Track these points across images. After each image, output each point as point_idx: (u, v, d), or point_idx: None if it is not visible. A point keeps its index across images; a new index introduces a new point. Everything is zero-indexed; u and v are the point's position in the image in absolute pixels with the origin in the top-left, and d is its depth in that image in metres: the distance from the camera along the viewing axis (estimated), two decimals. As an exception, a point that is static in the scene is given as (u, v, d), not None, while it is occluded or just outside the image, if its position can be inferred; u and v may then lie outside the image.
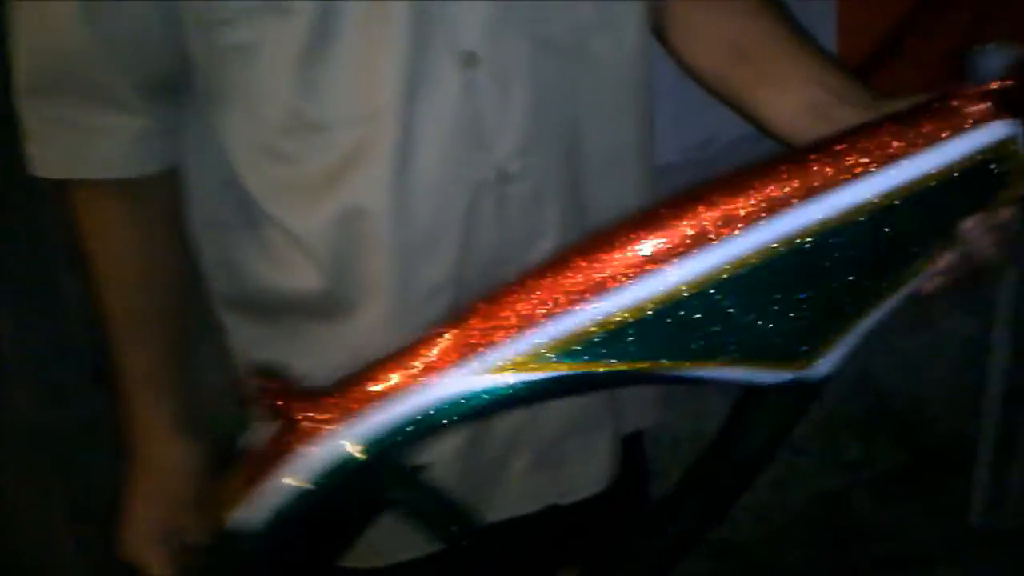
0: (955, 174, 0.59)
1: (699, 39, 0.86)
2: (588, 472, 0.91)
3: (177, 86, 0.79)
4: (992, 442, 1.84)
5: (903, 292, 0.63)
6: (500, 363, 0.59)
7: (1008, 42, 0.60)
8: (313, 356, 0.82)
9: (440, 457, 0.85)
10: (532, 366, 0.59)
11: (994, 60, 0.60)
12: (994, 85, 0.60)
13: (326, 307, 0.82)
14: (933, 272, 0.64)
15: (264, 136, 0.79)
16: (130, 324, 0.87)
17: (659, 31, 0.88)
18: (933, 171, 0.59)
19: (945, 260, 0.64)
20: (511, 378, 0.59)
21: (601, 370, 0.59)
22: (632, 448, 0.96)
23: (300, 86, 0.75)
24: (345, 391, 0.61)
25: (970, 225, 0.63)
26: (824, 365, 0.62)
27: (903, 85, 1.45)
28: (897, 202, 0.59)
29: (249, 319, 0.89)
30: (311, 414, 0.59)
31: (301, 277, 0.82)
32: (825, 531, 1.90)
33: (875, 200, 0.58)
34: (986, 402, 1.82)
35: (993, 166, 0.60)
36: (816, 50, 0.82)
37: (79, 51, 0.75)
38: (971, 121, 0.60)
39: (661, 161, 0.94)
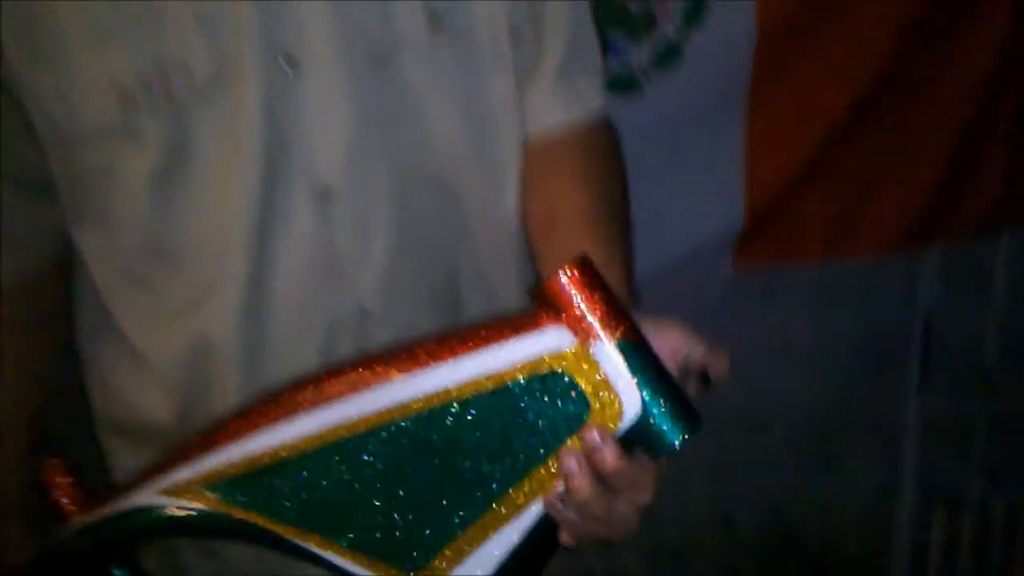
0: (524, 381, 0.54)
1: (526, 195, 0.83)
2: None
3: (45, 189, 0.77)
4: (901, 585, 1.83)
5: (519, 519, 0.56)
6: (167, 486, 0.62)
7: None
8: None
9: None
10: (184, 494, 0.62)
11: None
12: (554, 288, 0.54)
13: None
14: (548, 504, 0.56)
15: (122, 261, 0.76)
16: None
17: None
18: (489, 372, 0.55)
19: (553, 494, 0.56)
20: (164, 501, 0.62)
21: (229, 513, 0.60)
22: None
23: (155, 212, 0.73)
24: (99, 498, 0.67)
25: (565, 459, 0.55)
26: None
27: (819, 213, 1.52)
28: (466, 401, 0.55)
29: (123, 442, 0.85)
30: (68, 504, 0.67)
31: (157, 406, 0.79)
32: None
33: (430, 395, 0.55)
34: (895, 545, 1.81)
35: (569, 379, 0.54)
36: (612, 237, 0.78)
37: None
38: (528, 325, 0.55)
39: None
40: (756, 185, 1.47)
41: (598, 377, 0.53)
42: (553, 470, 0.55)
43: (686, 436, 0.54)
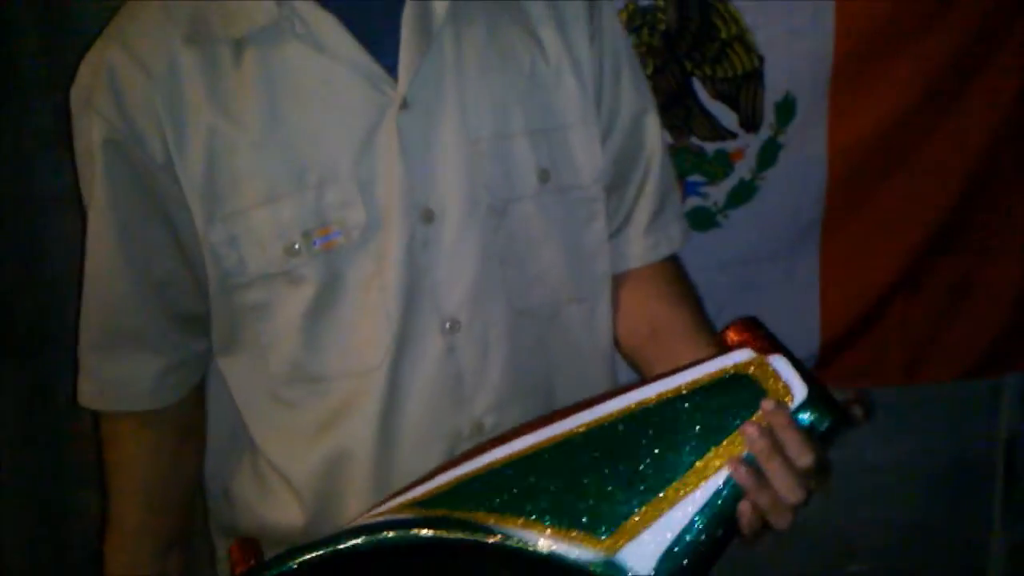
0: (714, 380, 0.72)
1: (627, 316, 0.96)
2: None
3: (201, 322, 0.88)
4: None
5: (693, 491, 0.69)
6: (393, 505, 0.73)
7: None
8: None
9: None
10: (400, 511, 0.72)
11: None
12: (732, 334, 0.76)
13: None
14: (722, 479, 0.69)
15: (267, 383, 0.86)
16: (125, 522, 0.94)
17: None
18: (689, 379, 0.73)
19: (736, 456, 0.70)
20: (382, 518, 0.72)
21: (438, 514, 0.70)
22: None
23: (303, 342, 0.83)
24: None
25: (747, 426, 0.70)
26: (636, 558, 0.67)
27: (896, 339, 1.56)
28: (672, 398, 0.72)
29: None
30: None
31: (287, 513, 0.88)
32: None
33: (641, 400, 0.73)
34: None
35: (748, 376, 0.72)
36: (712, 340, 0.92)
37: (119, 300, 0.86)
38: (719, 352, 0.75)
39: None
40: (832, 312, 1.53)
41: (772, 378, 0.71)
42: (735, 443, 0.69)
43: (837, 425, 0.71)
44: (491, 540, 0.69)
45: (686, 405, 0.71)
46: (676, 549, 0.67)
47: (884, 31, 1.40)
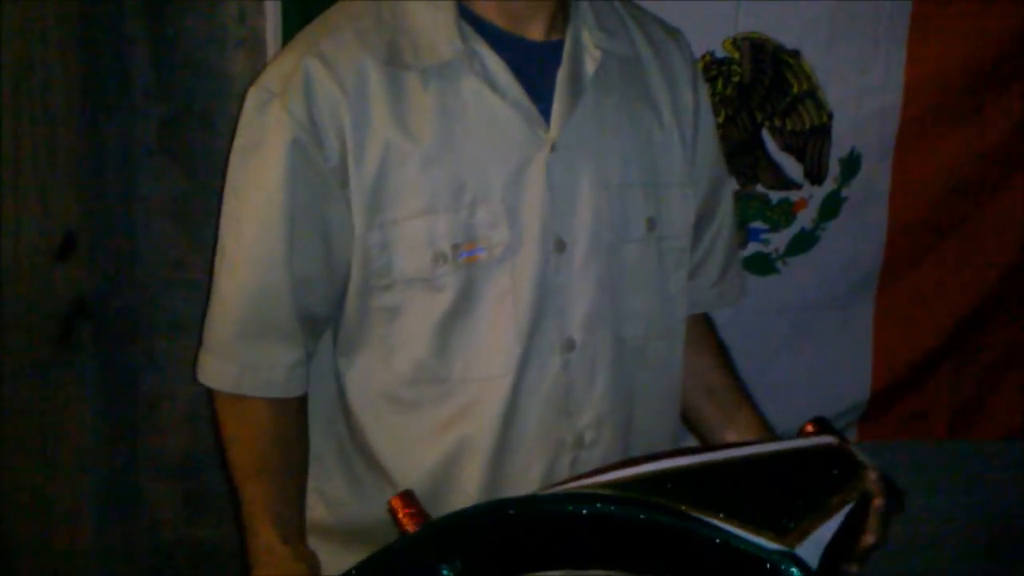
0: (814, 449, 0.96)
1: (687, 362, 1.06)
2: None
3: (327, 323, 0.95)
4: None
5: (831, 518, 0.87)
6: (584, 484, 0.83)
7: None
8: None
9: None
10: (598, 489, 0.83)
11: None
12: (810, 427, 1.00)
13: None
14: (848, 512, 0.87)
15: (389, 383, 0.93)
16: (269, 466, 0.96)
17: None
18: (801, 445, 0.96)
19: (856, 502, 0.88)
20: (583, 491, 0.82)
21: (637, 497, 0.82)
22: None
23: (432, 345, 0.91)
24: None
25: (869, 474, 0.91)
26: (807, 552, 0.83)
27: (945, 395, 1.58)
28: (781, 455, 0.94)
29: (334, 544, 0.98)
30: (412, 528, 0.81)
31: (384, 512, 0.89)
32: None
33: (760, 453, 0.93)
34: None
35: (842, 452, 0.95)
36: (754, 401, 1.10)
37: (274, 289, 0.91)
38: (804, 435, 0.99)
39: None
40: (884, 362, 1.57)
41: (858, 456, 0.95)
42: (853, 488, 0.92)
43: (895, 496, 0.95)
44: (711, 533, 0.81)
45: (809, 459, 0.94)
46: (826, 551, 0.85)
47: (951, 94, 1.46)
